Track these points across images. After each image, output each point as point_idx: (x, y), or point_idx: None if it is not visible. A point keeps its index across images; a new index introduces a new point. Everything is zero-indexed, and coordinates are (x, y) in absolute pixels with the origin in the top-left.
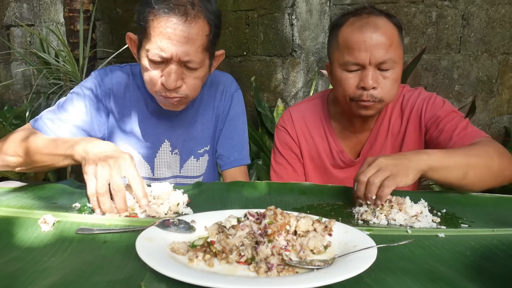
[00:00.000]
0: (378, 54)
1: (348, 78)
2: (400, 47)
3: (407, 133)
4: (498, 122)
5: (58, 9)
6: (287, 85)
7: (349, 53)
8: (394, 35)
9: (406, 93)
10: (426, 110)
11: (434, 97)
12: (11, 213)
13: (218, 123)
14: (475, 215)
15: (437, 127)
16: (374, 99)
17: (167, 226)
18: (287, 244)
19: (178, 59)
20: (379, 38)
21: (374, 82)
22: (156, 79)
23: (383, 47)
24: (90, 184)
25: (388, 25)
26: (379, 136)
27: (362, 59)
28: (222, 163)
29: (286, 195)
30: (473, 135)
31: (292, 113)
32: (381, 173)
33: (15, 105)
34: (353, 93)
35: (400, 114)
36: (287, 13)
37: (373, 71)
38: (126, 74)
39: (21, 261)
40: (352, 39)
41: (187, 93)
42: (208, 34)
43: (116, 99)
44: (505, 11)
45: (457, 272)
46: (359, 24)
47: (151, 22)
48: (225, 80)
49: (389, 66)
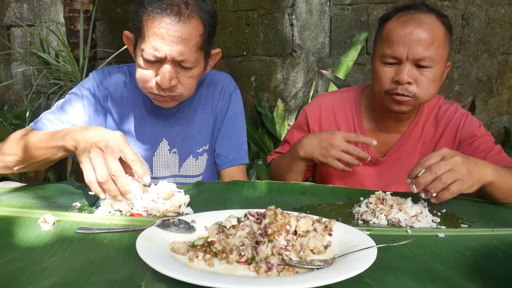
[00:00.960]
0: (416, 50)
1: (385, 71)
2: (444, 47)
3: (439, 144)
4: (498, 122)
5: (58, 9)
6: (287, 85)
7: (389, 46)
8: (438, 34)
9: (442, 105)
10: (463, 126)
11: (471, 116)
12: (11, 212)
13: (217, 123)
14: (475, 215)
15: (471, 145)
16: (408, 93)
17: (167, 226)
18: (287, 244)
19: (172, 59)
20: (421, 34)
21: (409, 77)
22: (149, 77)
23: (423, 44)
24: (89, 172)
25: (434, 23)
26: (409, 141)
27: (400, 53)
28: (220, 162)
29: (286, 195)
30: (506, 160)
31: (322, 100)
32: (453, 174)
33: (15, 105)
34: (388, 86)
35: (434, 124)
36: (287, 13)
37: (410, 67)
38: (123, 74)
39: (21, 261)
40: (394, 32)
41: (182, 92)
42: (203, 33)
43: (114, 99)
44: (505, 11)
45: (457, 272)
46: (404, 18)
47: (145, 22)
48: (223, 79)
49: (427, 64)
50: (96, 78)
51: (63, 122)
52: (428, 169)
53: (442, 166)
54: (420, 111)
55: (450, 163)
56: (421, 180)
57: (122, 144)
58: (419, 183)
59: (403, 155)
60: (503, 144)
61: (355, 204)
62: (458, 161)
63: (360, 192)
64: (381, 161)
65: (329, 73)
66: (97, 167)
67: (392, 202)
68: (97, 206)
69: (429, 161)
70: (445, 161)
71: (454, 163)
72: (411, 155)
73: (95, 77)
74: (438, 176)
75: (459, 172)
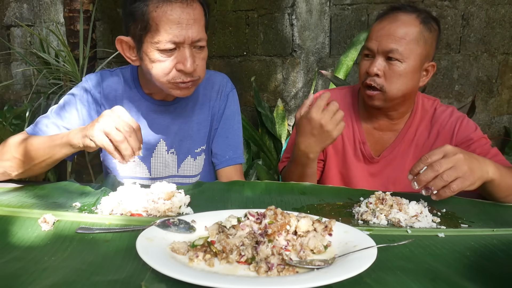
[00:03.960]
0: (385, 43)
1: (363, 64)
2: (417, 44)
3: (434, 146)
4: (498, 122)
5: (58, 9)
6: (287, 85)
7: (367, 41)
8: (411, 30)
9: (438, 108)
10: (459, 130)
11: (467, 119)
12: (11, 212)
13: (214, 122)
14: (475, 215)
15: (468, 148)
16: (376, 85)
17: (168, 226)
18: (287, 244)
19: (191, 41)
20: (393, 29)
21: (378, 69)
22: (169, 68)
23: (393, 38)
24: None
25: (410, 20)
26: (403, 142)
27: (372, 46)
28: (217, 162)
29: (286, 195)
30: (503, 163)
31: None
32: (454, 172)
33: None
34: (363, 77)
35: (428, 127)
36: (287, 13)
37: (381, 60)
38: (117, 77)
39: (22, 261)
40: (373, 28)
41: (200, 75)
42: (205, 14)
43: (109, 103)
44: (505, 11)
45: (457, 272)
46: (385, 16)
47: (153, 14)
48: (220, 79)
49: (396, 57)
50: (89, 82)
51: (59, 126)
52: (430, 166)
53: (444, 163)
54: (413, 111)
55: (452, 160)
56: (422, 177)
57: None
58: (420, 180)
59: (397, 156)
60: (503, 144)
61: (355, 204)
62: (460, 159)
63: (360, 192)
64: (375, 160)
65: (329, 73)
66: (110, 131)
67: (392, 202)
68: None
69: (431, 158)
70: (447, 159)
71: (456, 160)
72: (404, 157)
73: (88, 81)
74: (440, 173)
75: (460, 170)
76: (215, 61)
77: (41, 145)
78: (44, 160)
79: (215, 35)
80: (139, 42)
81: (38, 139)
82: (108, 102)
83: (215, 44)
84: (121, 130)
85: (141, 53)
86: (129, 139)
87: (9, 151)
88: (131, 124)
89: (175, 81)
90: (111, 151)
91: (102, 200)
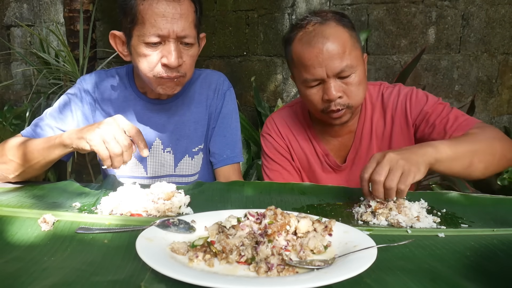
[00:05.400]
0: (333, 65)
1: (312, 93)
2: (355, 48)
3: (393, 133)
4: (498, 122)
5: (58, 9)
6: (287, 85)
7: (306, 70)
8: (345, 40)
9: (385, 91)
10: (411, 107)
11: (415, 92)
12: (11, 212)
13: (211, 121)
14: (475, 215)
15: (428, 123)
16: (342, 106)
17: (167, 226)
18: (287, 244)
19: (176, 36)
20: (330, 49)
21: (338, 92)
22: (154, 62)
23: (337, 57)
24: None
25: (337, 30)
26: (363, 140)
27: (319, 74)
28: (215, 161)
29: (286, 195)
30: (466, 123)
31: (274, 119)
32: (395, 174)
33: (15, 105)
34: (321, 106)
35: (382, 114)
36: (287, 13)
37: (334, 82)
38: (111, 77)
39: (21, 261)
40: (305, 56)
41: (186, 72)
42: (195, 10)
43: (103, 103)
44: (505, 11)
45: (457, 272)
46: (307, 38)
47: (140, 7)
48: (217, 78)
49: (348, 73)
50: (83, 83)
51: (53, 128)
52: (372, 181)
53: (381, 171)
54: (364, 105)
55: (385, 164)
56: (375, 193)
57: (124, 122)
58: (377, 196)
59: (362, 155)
60: None
61: (355, 204)
62: (392, 158)
63: (360, 192)
64: (343, 167)
65: None
66: (109, 142)
67: (392, 205)
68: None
69: (367, 171)
70: (380, 166)
71: (388, 162)
72: (369, 153)
73: (81, 82)
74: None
75: (398, 168)
76: (215, 61)
77: (35, 147)
78: (38, 162)
79: (215, 35)
80: (128, 36)
81: (33, 142)
82: (104, 103)
83: (215, 44)
84: (120, 143)
85: (130, 47)
86: (125, 153)
87: (5, 154)
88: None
89: (160, 76)
90: (105, 158)
91: (102, 200)
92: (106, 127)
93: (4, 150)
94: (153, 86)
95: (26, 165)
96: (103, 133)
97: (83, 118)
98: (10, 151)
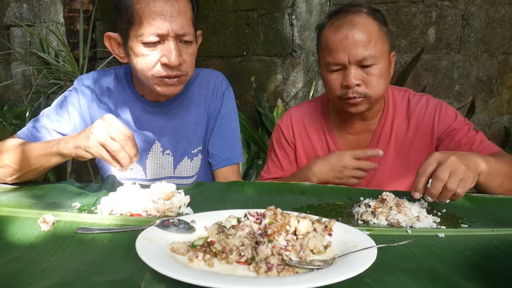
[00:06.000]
0: (356, 52)
1: (332, 78)
2: (382, 41)
3: (415, 141)
4: (498, 122)
5: (58, 9)
6: (287, 85)
7: (330, 54)
8: (373, 31)
9: (411, 98)
10: (439, 120)
11: (445, 106)
12: (11, 212)
13: (210, 122)
14: (475, 215)
15: (453, 139)
16: (360, 95)
17: (167, 226)
18: (287, 244)
19: (175, 34)
20: (356, 36)
21: (357, 80)
22: (153, 62)
23: (361, 45)
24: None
25: (366, 21)
26: (381, 141)
27: (341, 59)
28: (214, 162)
29: (286, 195)
30: (490, 148)
31: (291, 114)
32: (457, 177)
33: (15, 105)
34: (339, 92)
35: (406, 120)
36: (287, 13)
37: (355, 69)
38: (110, 78)
39: (21, 261)
40: (331, 40)
41: (187, 70)
42: (192, 7)
43: (101, 104)
44: (505, 11)
45: (457, 272)
46: (337, 24)
47: (136, 6)
48: (215, 78)
49: (370, 62)
50: (80, 84)
51: (49, 130)
52: (435, 177)
53: (445, 170)
54: (386, 107)
55: (448, 166)
56: (433, 190)
57: (115, 122)
58: (432, 193)
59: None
60: (503, 144)
61: (355, 204)
62: (455, 161)
63: (360, 192)
64: None
65: None
66: (107, 142)
67: (392, 204)
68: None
69: (428, 169)
70: (444, 166)
71: (452, 165)
72: (385, 155)
73: (79, 82)
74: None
75: (460, 172)
76: (215, 61)
77: (32, 153)
78: (36, 168)
79: (215, 35)
80: (125, 37)
81: (29, 147)
82: (101, 103)
83: (215, 44)
84: (116, 139)
85: (127, 48)
86: (125, 147)
87: (1, 158)
88: (125, 132)
89: (160, 75)
90: (110, 161)
91: (101, 200)
92: (97, 129)
93: (1, 153)
94: (152, 86)
95: (24, 171)
96: (97, 137)
97: (80, 119)
98: (6, 155)
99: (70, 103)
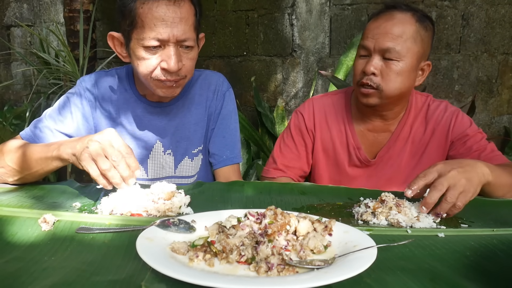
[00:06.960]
0: (382, 42)
1: (358, 63)
2: (414, 42)
3: (430, 143)
4: (498, 122)
5: (58, 9)
6: (287, 85)
7: (362, 38)
8: (408, 29)
9: (431, 104)
10: (454, 125)
11: (461, 113)
12: (11, 212)
13: (210, 123)
14: (475, 215)
15: (465, 144)
16: (373, 84)
17: (167, 226)
18: (287, 244)
19: (176, 40)
20: (389, 27)
21: (375, 68)
22: (153, 66)
23: (390, 37)
24: (92, 167)
25: (406, 19)
26: (398, 141)
27: (368, 44)
28: (214, 162)
29: (286, 195)
30: (499, 158)
31: (314, 103)
32: (457, 191)
33: (15, 105)
34: (358, 77)
35: (424, 123)
36: (287, 13)
37: (377, 59)
38: (112, 78)
39: (22, 261)
40: (368, 26)
41: (186, 74)
42: (195, 13)
43: (104, 104)
44: (505, 11)
45: (457, 272)
46: (380, 15)
47: (139, 10)
48: (216, 79)
49: (393, 56)
50: (83, 85)
51: (52, 130)
52: (433, 187)
53: (444, 182)
54: (407, 110)
55: (448, 179)
56: (429, 200)
57: (114, 138)
58: (428, 203)
59: (393, 156)
60: (503, 144)
61: (355, 204)
62: (455, 175)
63: (360, 192)
64: (372, 163)
65: (328, 73)
66: (98, 160)
67: (392, 204)
68: (99, 202)
69: (427, 177)
70: (444, 178)
71: (452, 178)
72: (400, 155)
73: (82, 83)
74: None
75: (460, 185)
76: (215, 61)
77: (33, 156)
78: (36, 171)
79: (215, 35)
80: (127, 39)
81: (31, 149)
82: (104, 102)
83: (215, 44)
84: (109, 158)
85: (129, 50)
86: (118, 166)
87: (3, 159)
88: (122, 150)
89: (159, 79)
90: (95, 177)
91: (102, 200)
92: (93, 144)
93: (3, 154)
94: (152, 88)
95: (25, 172)
96: (90, 151)
97: (83, 120)
98: (8, 156)
99: (73, 104)
